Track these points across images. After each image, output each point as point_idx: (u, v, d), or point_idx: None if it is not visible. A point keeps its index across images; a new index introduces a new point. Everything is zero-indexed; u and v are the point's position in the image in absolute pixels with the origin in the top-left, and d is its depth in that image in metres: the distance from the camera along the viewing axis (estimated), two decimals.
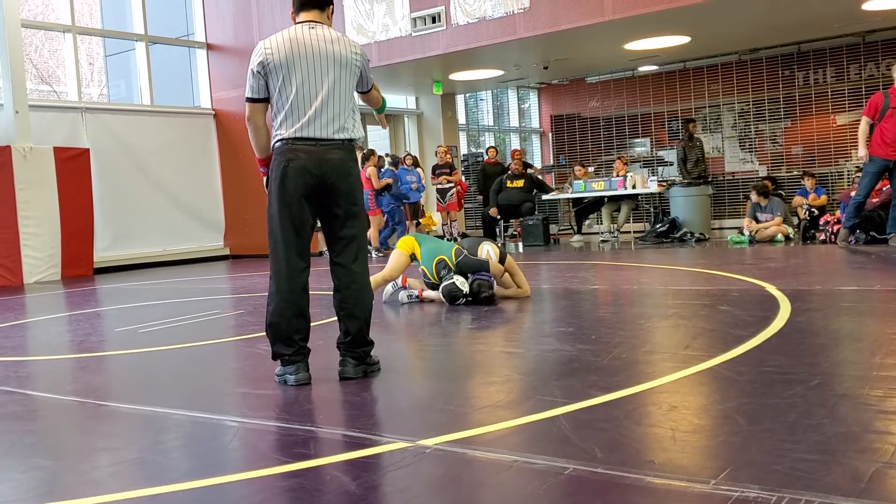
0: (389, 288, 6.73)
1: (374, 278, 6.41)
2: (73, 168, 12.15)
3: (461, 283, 6.20)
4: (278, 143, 3.82)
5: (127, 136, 13.43)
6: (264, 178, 3.96)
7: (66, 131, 12.63)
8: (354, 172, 3.93)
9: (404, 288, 6.71)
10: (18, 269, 11.42)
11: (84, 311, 7.84)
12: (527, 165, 14.50)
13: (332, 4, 4.05)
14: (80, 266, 12.18)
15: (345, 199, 3.86)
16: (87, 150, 12.58)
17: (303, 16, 3.94)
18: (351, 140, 3.90)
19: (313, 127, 3.78)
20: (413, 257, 6.55)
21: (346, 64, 3.88)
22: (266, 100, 3.87)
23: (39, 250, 11.64)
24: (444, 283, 6.27)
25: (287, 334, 3.84)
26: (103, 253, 12.87)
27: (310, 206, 3.83)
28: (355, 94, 4.05)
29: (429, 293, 6.56)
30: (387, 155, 14.07)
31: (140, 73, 14.39)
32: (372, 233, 12.59)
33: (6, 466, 2.94)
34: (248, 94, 3.89)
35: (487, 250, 6.48)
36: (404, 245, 6.65)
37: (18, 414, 3.73)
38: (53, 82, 27.05)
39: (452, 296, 6.23)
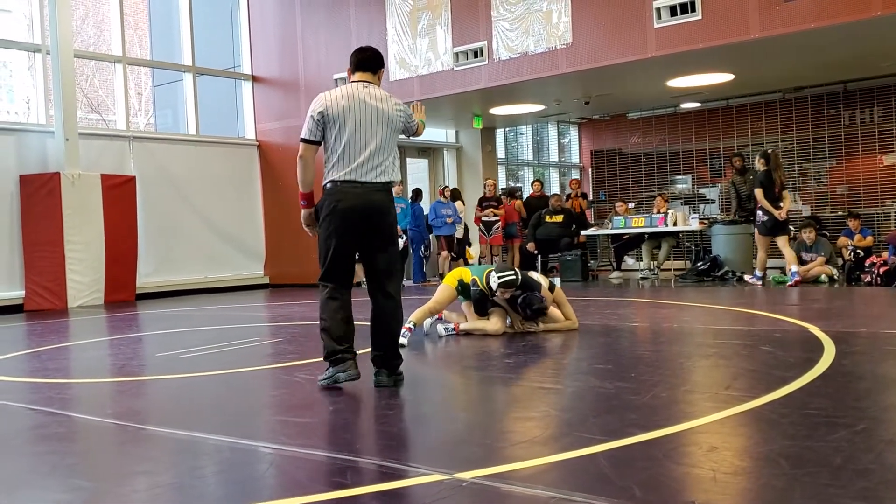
0: (428, 320, 6.73)
1: (420, 309, 6.43)
2: (119, 195, 12.38)
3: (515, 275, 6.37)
4: (329, 185, 4.41)
5: (172, 164, 13.67)
6: (303, 211, 4.56)
7: (114, 159, 12.89)
8: (392, 212, 4.54)
9: (440, 320, 6.71)
10: (63, 293, 11.63)
11: (126, 336, 7.95)
12: (585, 196, 15.00)
13: (384, 68, 4.75)
14: (122, 291, 12.36)
15: (383, 234, 4.46)
16: (133, 177, 12.82)
17: (358, 76, 4.61)
18: (390, 182, 4.50)
19: (360, 172, 4.38)
20: (460, 288, 6.53)
21: (392, 121, 4.55)
22: (319, 143, 4.46)
23: (84, 275, 11.84)
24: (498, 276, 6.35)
25: (338, 334, 4.38)
26: (146, 279, 13.05)
27: (354, 238, 4.40)
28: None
29: (465, 325, 6.55)
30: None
31: (187, 103, 14.68)
32: (517, 258, 13.79)
33: (48, 486, 2.98)
34: (304, 135, 4.46)
35: (537, 277, 6.53)
36: (451, 277, 6.65)
37: (60, 435, 3.78)
38: (103, 111, 27.70)
39: (509, 282, 6.28)
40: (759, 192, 10.40)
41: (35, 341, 7.79)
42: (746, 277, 10.55)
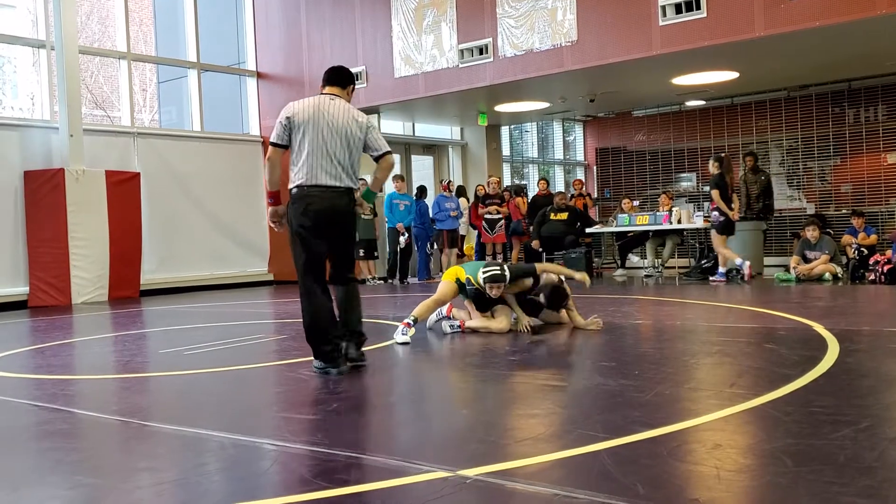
0: (433, 316, 6.74)
1: (423, 304, 6.43)
2: (123, 191, 12.40)
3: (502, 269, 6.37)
4: (296, 189, 4.88)
5: (176, 161, 13.68)
6: (270, 209, 5.09)
7: (118, 155, 12.90)
8: (353, 212, 4.98)
9: (448, 318, 6.71)
10: (67, 289, 11.65)
11: (130, 333, 7.96)
12: (589, 195, 15.09)
13: (354, 84, 5.22)
14: (127, 288, 12.38)
15: (346, 233, 4.98)
16: (138, 173, 12.83)
17: (328, 89, 5.07)
18: (350, 188, 4.92)
19: (323, 178, 4.82)
20: (458, 284, 6.54)
21: (349, 131, 4.89)
22: (286, 147, 4.92)
23: (88, 271, 11.86)
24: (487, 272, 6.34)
25: (322, 329, 4.85)
26: (150, 275, 13.06)
27: (323, 237, 4.88)
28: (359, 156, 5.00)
29: (471, 323, 6.55)
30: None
31: (191, 99, 14.68)
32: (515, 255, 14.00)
33: (52, 483, 2.99)
34: (273, 139, 4.94)
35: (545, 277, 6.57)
36: (450, 274, 6.67)
37: (65, 431, 3.79)
38: (107, 107, 27.73)
39: (493, 276, 6.27)
40: (715, 193, 10.99)
41: (39, 338, 7.81)
42: (710, 278, 11.00)
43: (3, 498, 2.80)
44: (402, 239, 13.13)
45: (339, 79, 5.11)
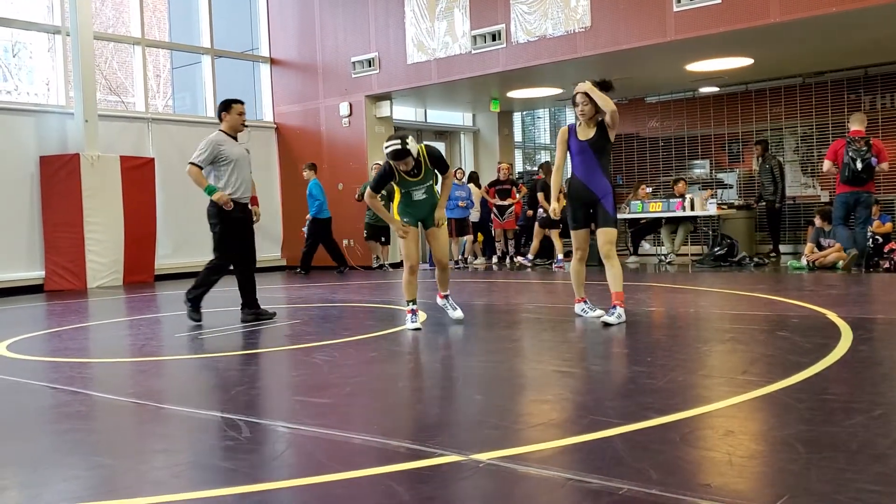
0: (441, 301, 6.63)
1: (403, 285, 6.23)
2: (137, 176, 12.45)
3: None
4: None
5: (190, 146, 13.50)
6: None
7: (133, 141, 12.96)
8: (211, 213, 7.38)
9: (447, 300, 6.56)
10: (83, 274, 11.73)
11: (145, 317, 8.02)
12: None
13: (226, 111, 7.86)
14: (141, 272, 12.45)
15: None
16: (152, 159, 12.88)
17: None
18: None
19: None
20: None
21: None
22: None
23: (103, 256, 11.94)
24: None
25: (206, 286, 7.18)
26: (164, 260, 13.12)
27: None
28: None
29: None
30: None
31: (205, 85, 14.70)
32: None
33: (71, 464, 3.03)
34: None
35: None
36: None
37: (82, 414, 3.84)
38: (122, 93, 27.81)
39: (395, 152, 5.85)
40: (541, 196, 12.43)
41: (55, 321, 7.88)
42: (521, 259, 12.75)
43: (24, 478, 2.85)
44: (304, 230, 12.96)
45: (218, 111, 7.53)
